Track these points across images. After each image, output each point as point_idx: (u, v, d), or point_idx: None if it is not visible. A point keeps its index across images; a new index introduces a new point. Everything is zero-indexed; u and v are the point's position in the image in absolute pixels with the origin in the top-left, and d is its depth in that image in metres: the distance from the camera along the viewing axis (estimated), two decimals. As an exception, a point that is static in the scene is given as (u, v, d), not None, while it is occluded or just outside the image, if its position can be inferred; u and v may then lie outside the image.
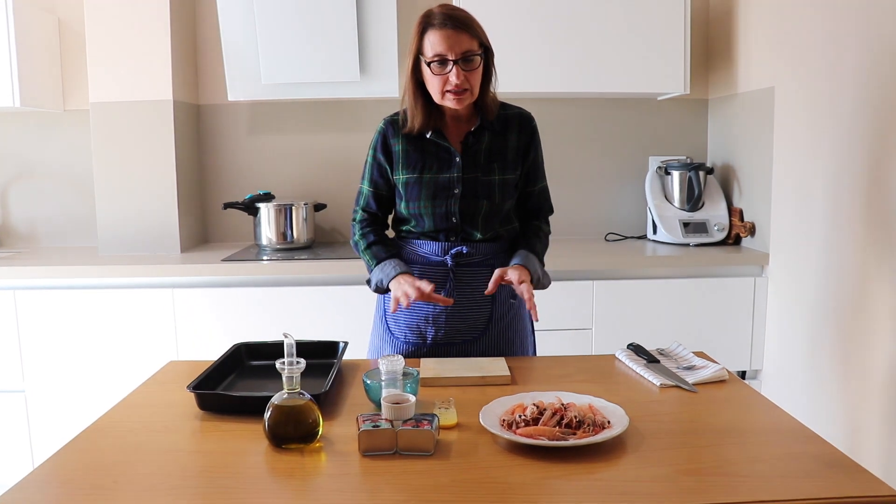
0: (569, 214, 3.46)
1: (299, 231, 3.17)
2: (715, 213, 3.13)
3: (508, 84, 2.96)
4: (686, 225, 3.10)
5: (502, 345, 1.95)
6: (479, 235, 1.90)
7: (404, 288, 1.78)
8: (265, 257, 2.93)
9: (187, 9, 3.25)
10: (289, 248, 3.15)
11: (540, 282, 1.90)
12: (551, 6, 2.97)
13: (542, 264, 1.95)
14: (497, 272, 1.80)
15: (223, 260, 2.86)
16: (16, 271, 2.78)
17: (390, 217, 2.05)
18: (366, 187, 1.98)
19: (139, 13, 2.99)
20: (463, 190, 1.87)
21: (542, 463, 1.23)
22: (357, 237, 1.99)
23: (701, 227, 3.09)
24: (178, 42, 3.12)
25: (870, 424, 2.26)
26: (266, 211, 3.14)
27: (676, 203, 3.19)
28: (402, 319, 1.95)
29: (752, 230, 3.00)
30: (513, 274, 1.80)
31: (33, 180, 3.38)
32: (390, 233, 2.04)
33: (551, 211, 2.07)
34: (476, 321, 1.92)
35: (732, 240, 3.11)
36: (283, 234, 3.15)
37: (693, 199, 3.14)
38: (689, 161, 3.26)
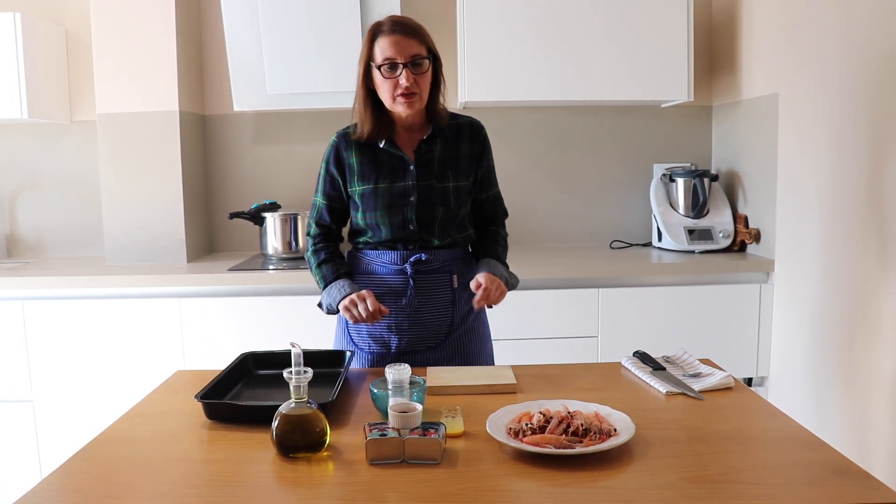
0: (574, 222, 3.47)
1: (305, 240, 3.17)
2: (720, 219, 3.13)
3: (513, 92, 3.02)
4: (691, 232, 3.11)
5: (464, 350, 1.97)
6: (436, 242, 1.93)
7: (357, 312, 1.82)
8: (271, 266, 2.94)
9: (193, 20, 3.27)
10: (295, 258, 3.15)
11: (508, 283, 1.94)
12: (555, 15, 2.98)
13: (507, 266, 2.00)
14: (472, 284, 1.85)
15: (229, 269, 2.87)
16: (24, 281, 2.79)
17: (345, 230, 2.07)
18: (319, 200, 2.01)
19: (146, 25, 3.02)
20: (418, 197, 1.90)
21: (549, 471, 1.23)
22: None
23: (706, 234, 3.09)
24: (185, 53, 3.14)
25: (877, 431, 2.26)
26: (272, 220, 3.15)
27: (681, 210, 3.20)
28: (365, 330, 1.96)
29: (757, 237, 3.00)
30: (483, 280, 1.85)
31: (41, 191, 3.40)
32: (346, 246, 2.05)
33: (506, 214, 2.12)
34: (438, 328, 1.95)
35: (737, 246, 3.11)
36: (289, 244, 3.16)
37: (698, 207, 3.14)
38: (693, 168, 3.26)
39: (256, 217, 3.17)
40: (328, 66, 3.06)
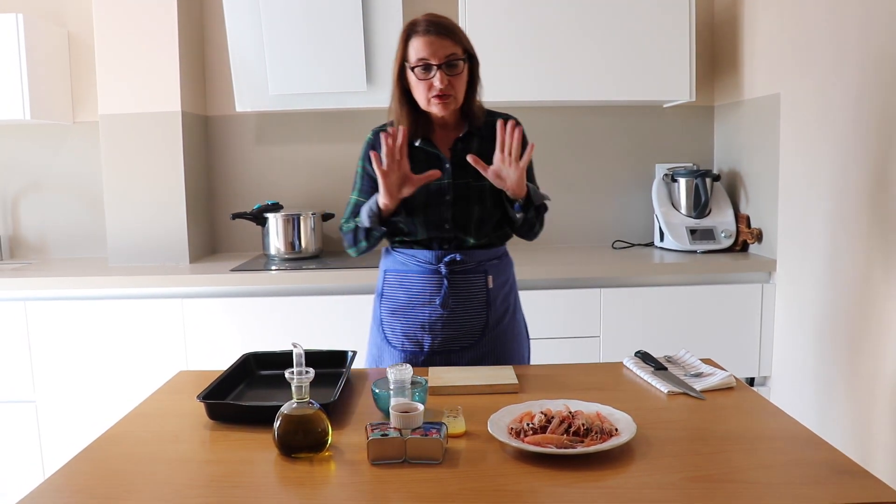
0: (576, 222, 3.47)
1: (307, 241, 3.18)
2: (722, 219, 3.13)
3: (516, 92, 3.02)
4: (693, 232, 3.11)
5: (498, 350, 1.96)
6: (472, 241, 1.91)
7: (389, 143, 1.74)
8: (273, 267, 2.95)
9: (195, 21, 3.28)
10: (297, 258, 3.16)
11: (537, 193, 1.90)
12: (557, 16, 2.98)
13: (537, 190, 1.94)
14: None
15: (232, 270, 2.87)
16: (26, 282, 2.80)
17: None
18: (355, 197, 2.00)
19: (148, 26, 3.02)
20: (454, 196, 1.88)
21: (551, 471, 1.23)
22: (345, 229, 1.97)
23: (708, 234, 3.09)
24: (187, 54, 3.15)
25: (879, 431, 2.26)
26: (274, 221, 3.16)
27: (683, 210, 3.20)
28: (399, 328, 1.95)
29: (759, 236, 3.00)
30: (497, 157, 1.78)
31: (43, 192, 3.41)
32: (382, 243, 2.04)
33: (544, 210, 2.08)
34: (472, 328, 1.93)
35: (739, 246, 3.10)
36: (292, 244, 3.17)
37: (700, 206, 3.14)
38: (695, 168, 3.26)
39: (259, 217, 3.18)
40: (330, 67, 3.06)
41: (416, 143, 1.90)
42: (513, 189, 1.82)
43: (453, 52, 1.80)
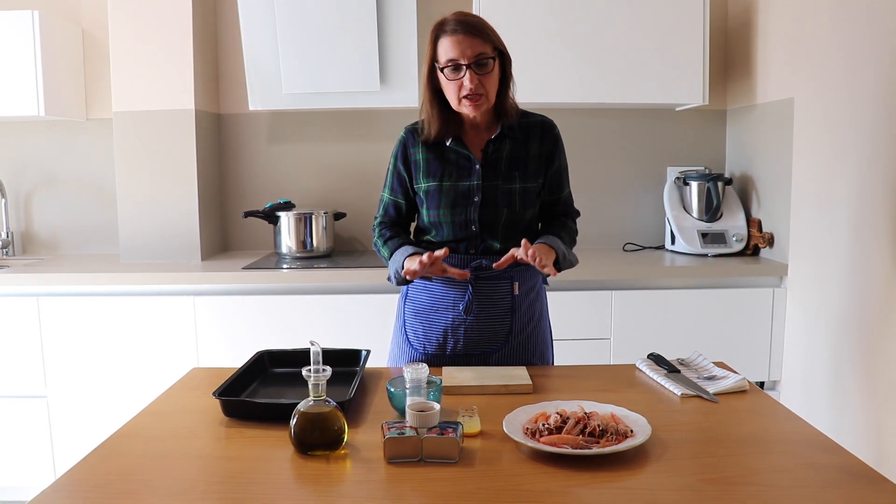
0: (587, 224, 3.42)
1: (319, 240, 3.19)
2: (733, 223, 3.13)
3: (529, 94, 2.97)
4: (704, 235, 3.10)
5: (522, 356, 1.94)
6: (498, 246, 1.89)
7: (415, 265, 1.76)
8: (285, 265, 2.96)
9: (210, 19, 3.29)
10: (308, 257, 3.17)
11: (566, 258, 1.88)
12: (572, 18, 2.99)
13: (568, 247, 1.93)
14: (511, 251, 1.75)
15: (244, 268, 2.88)
16: (39, 278, 2.81)
17: (412, 226, 2.05)
18: (386, 195, 2.00)
19: (162, 24, 3.04)
20: (483, 198, 1.87)
21: (566, 471, 1.23)
22: (375, 238, 2.00)
23: (719, 238, 3.09)
24: (201, 52, 3.16)
25: (891, 434, 2.25)
26: (286, 219, 3.17)
27: (695, 213, 3.20)
28: (421, 331, 1.95)
29: (770, 241, 2.99)
30: (524, 251, 1.71)
31: (56, 188, 3.43)
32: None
33: (577, 214, 2.07)
34: (496, 334, 1.92)
35: (751, 250, 3.10)
36: (303, 243, 3.18)
37: (711, 210, 3.14)
38: (707, 171, 3.26)
39: (271, 216, 3.19)
40: (344, 66, 3.07)
41: (448, 143, 1.89)
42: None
43: (482, 51, 1.76)
